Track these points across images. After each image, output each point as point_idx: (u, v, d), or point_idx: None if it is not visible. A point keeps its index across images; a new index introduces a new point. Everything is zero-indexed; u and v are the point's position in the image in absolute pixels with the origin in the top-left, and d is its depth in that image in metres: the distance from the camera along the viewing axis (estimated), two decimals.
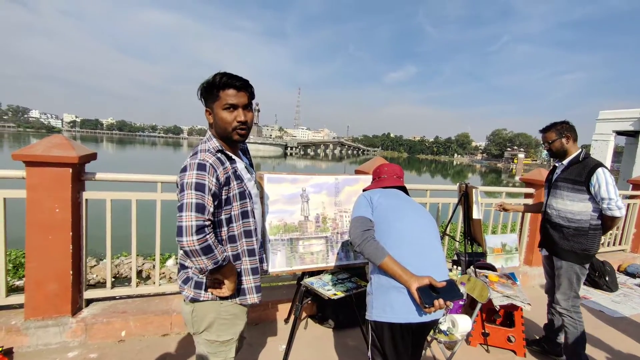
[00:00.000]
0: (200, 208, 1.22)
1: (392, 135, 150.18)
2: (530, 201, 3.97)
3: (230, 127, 1.35)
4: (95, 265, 4.97)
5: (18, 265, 4.32)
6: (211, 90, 1.34)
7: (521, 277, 3.84)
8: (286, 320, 2.74)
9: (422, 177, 48.36)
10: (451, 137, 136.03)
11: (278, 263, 2.19)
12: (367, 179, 2.67)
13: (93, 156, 2.32)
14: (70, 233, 2.17)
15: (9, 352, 2.08)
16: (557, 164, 2.49)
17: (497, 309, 2.58)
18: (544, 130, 2.43)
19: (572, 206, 2.28)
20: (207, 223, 1.24)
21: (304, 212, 2.33)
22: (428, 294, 1.33)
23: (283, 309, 2.79)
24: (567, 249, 2.31)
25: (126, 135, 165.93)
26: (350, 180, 2.55)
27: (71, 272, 2.20)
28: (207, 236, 1.23)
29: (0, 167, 2.19)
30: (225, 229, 1.38)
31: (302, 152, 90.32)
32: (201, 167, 1.26)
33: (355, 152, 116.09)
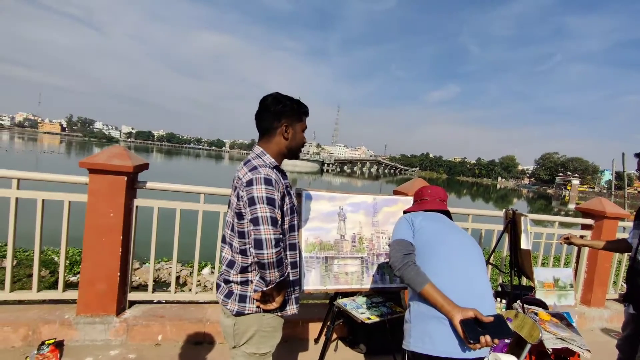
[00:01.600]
0: (274, 222, 1.28)
1: (431, 155, 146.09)
2: (587, 233, 3.61)
3: (301, 146, 1.54)
4: (138, 268, 5.26)
5: (73, 262, 4.71)
6: (298, 112, 1.48)
7: (577, 319, 3.45)
8: (316, 340, 2.68)
9: (462, 200, 46.16)
10: (495, 160, 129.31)
11: (312, 281, 2.17)
12: (406, 200, 2.59)
13: (145, 166, 2.50)
14: (121, 237, 2.33)
15: (60, 344, 2.23)
16: None
17: (549, 352, 2.33)
18: None
19: None
20: (281, 237, 1.31)
21: (341, 231, 2.31)
22: (473, 329, 1.22)
23: (313, 328, 2.73)
24: None
25: (174, 147, 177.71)
26: (388, 201, 2.50)
27: (119, 274, 2.35)
28: (281, 249, 1.29)
29: (68, 173, 2.42)
30: None
31: (338, 169, 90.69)
32: (268, 182, 1.31)
33: (392, 171, 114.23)
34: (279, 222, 1.30)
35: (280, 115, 1.43)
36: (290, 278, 1.49)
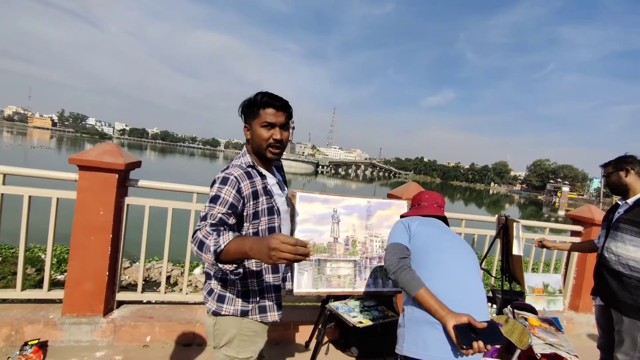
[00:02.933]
0: (204, 217, 1.24)
1: (425, 159, 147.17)
2: (577, 240, 3.65)
3: (265, 144, 1.39)
4: (128, 267, 5.18)
5: (61, 260, 4.61)
6: (252, 107, 1.39)
7: (565, 324, 3.49)
8: (307, 343, 2.66)
9: (455, 204, 46.54)
10: (488, 165, 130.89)
11: (304, 284, 2.15)
12: (400, 204, 2.59)
13: (138, 164, 2.46)
14: (111, 235, 2.28)
15: (44, 345, 2.17)
16: (620, 202, 2.23)
17: (538, 358, 2.34)
18: (604, 164, 2.26)
19: (636, 253, 1.99)
20: (199, 228, 1.19)
21: (334, 234, 2.29)
22: (466, 334, 1.22)
23: (304, 331, 2.71)
24: (629, 302, 2.01)
25: (168, 145, 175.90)
26: (383, 205, 2.50)
27: (107, 274, 2.30)
28: (197, 233, 1.15)
29: (57, 169, 2.37)
30: None
31: (333, 171, 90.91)
32: (224, 180, 1.31)
33: (386, 174, 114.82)
34: (209, 217, 1.21)
35: (243, 118, 1.44)
36: (272, 283, 1.45)
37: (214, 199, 1.27)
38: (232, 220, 1.27)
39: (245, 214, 1.35)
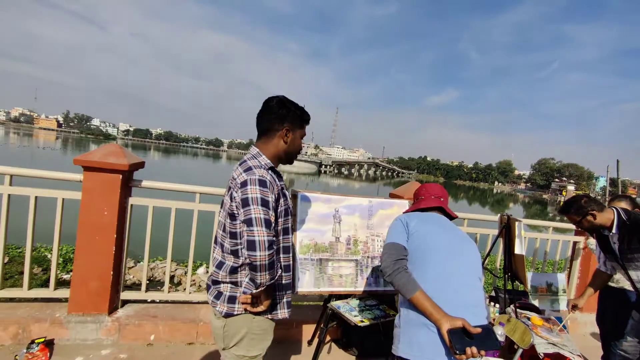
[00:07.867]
0: (268, 224, 1.26)
1: (428, 158, 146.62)
2: (581, 239, 3.63)
3: (298, 153, 1.58)
4: (132, 267, 5.23)
5: (67, 260, 4.67)
6: (301, 119, 1.50)
7: (569, 324, 3.47)
8: (309, 342, 2.68)
9: (459, 203, 46.30)
10: (492, 164, 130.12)
11: (306, 283, 2.17)
12: (401, 204, 2.60)
13: (141, 164, 2.49)
14: (115, 235, 2.31)
15: (50, 343, 2.21)
16: (604, 233, 2.19)
17: (541, 357, 2.34)
18: (565, 214, 2.23)
19: None
20: (274, 239, 1.29)
21: (336, 233, 2.30)
22: (460, 339, 1.21)
23: (307, 330, 2.73)
24: None
25: (171, 145, 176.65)
26: (384, 204, 2.50)
27: (112, 273, 2.33)
28: (274, 252, 1.28)
29: (63, 170, 2.40)
30: None
31: (336, 171, 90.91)
32: (262, 183, 1.30)
33: (389, 173, 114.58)
34: (273, 225, 1.29)
35: (283, 118, 1.44)
36: (283, 282, 1.48)
37: (265, 203, 1.28)
38: None
39: None
